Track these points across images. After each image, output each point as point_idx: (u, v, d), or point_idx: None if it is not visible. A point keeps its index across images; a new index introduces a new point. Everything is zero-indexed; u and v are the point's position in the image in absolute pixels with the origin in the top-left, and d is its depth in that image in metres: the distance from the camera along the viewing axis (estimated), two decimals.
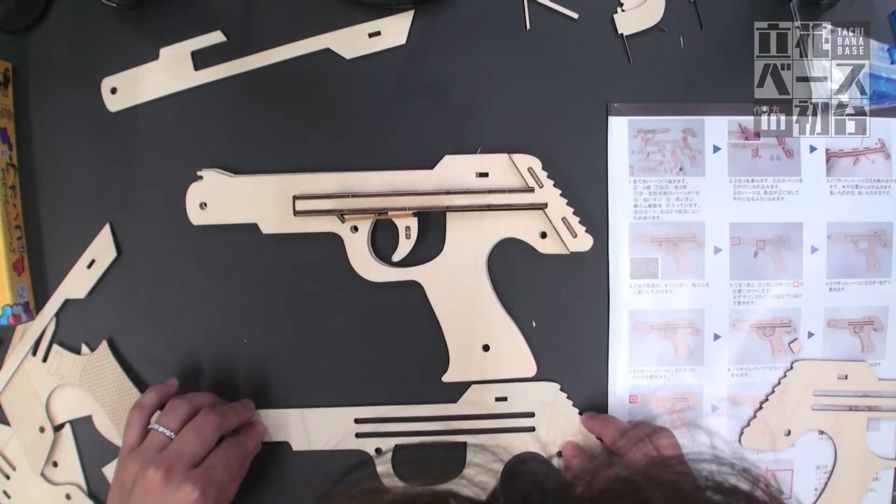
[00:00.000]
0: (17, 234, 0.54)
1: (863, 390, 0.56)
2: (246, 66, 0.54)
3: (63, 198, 0.55)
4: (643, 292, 0.56)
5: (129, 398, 0.55)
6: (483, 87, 0.54)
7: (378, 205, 0.52)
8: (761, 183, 0.56)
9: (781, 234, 0.56)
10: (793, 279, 0.56)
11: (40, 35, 0.55)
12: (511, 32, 0.54)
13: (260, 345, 0.55)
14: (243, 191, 0.53)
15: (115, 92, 0.54)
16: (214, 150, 0.54)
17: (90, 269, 0.55)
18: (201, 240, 0.55)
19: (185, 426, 0.47)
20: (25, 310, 0.54)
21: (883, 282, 0.56)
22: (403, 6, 0.53)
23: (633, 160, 0.55)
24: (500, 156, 0.53)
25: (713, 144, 0.55)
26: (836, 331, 0.56)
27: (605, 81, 0.55)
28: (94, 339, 0.55)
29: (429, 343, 0.55)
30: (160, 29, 0.54)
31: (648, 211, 0.55)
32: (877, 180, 0.56)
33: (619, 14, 0.54)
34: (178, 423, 0.47)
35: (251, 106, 0.55)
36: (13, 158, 0.55)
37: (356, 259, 0.54)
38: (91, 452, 0.56)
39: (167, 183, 0.54)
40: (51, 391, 0.55)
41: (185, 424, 0.47)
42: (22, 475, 0.56)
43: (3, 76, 0.54)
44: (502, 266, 0.55)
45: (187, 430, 0.47)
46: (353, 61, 0.54)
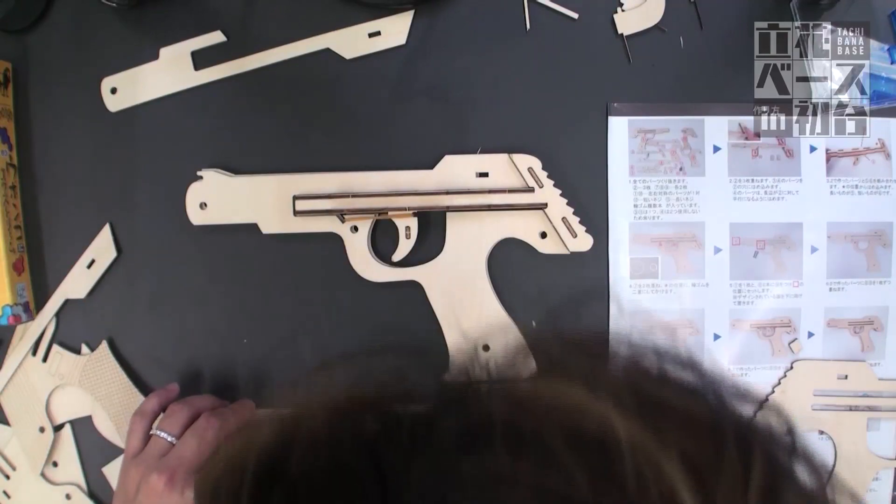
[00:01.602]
0: (17, 234, 0.54)
1: (863, 390, 0.56)
2: (246, 66, 0.54)
3: (63, 198, 0.55)
4: (643, 292, 0.56)
5: (129, 398, 0.55)
6: (483, 87, 0.54)
7: (378, 205, 0.52)
8: (761, 183, 0.56)
9: (781, 234, 0.56)
10: (793, 279, 0.56)
11: (40, 35, 0.55)
12: (511, 32, 0.54)
13: (260, 345, 0.55)
14: (243, 191, 0.53)
15: (115, 92, 0.54)
16: (214, 150, 0.54)
17: (90, 269, 0.55)
18: (201, 240, 0.55)
19: (186, 431, 0.47)
20: (25, 310, 0.54)
21: (883, 282, 0.56)
22: (403, 6, 0.53)
23: (633, 160, 0.55)
24: (500, 156, 0.53)
25: (713, 144, 0.55)
26: (836, 331, 0.56)
27: (605, 81, 0.55)
28: (94, 339, 0.55)
29: (429, 343, 0.55)
30: (160, 29, 0.54)
31: (648, 211, 0.55)
32: (877, 180, 0.56)
33: (619, 14, 0.54)
34: (179, 429, 0.47)
35: (251, 106, 0.55)
36: (13, 158, 0.55)
37: (356, 259, 0.54)
38: (91, 452, 0.56)
39: (167, 183, 0.54)
40: (51, 391, 0.55)
41: (186, 429, 0.47)
42: (22, 475, 0.56)
43: (3, 76, 0.54)
44: (502, 266, 0.55)
45: (189, 436, 0.47)
46: (353, 61, 0.54)
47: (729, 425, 0.15)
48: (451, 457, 0.15)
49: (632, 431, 0.14)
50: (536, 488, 0.14)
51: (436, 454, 0.16)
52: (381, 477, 0.16)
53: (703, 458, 0.14)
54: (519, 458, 0.14)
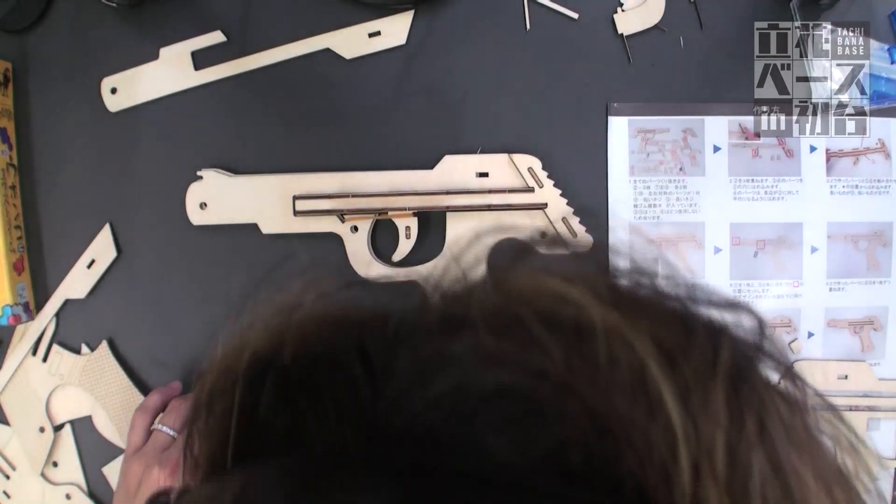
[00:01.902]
0: (17, 234, 0.54)
1: (863, 390, 0.56)
2: (246, 66, 0.54)
3: (63, 198, 0.55)
4: None
5: (130, 398, 0.55)
6: (483, 87, 0.54)
7: (378, 205, 0.52)
8: (761, 183, 0.55)
9: (781, 234, 0.56)
10: (793, 279, 0.56)
11: (40, 35, 0.55)
12: (511, 32, 0.54)
13: None
14: (243, 191, 0.53)
15: (115, 92, 0.54)
16: (214, 150, 0.54)
17: (90, 269, 0.55)
18: (201, 240, 0.55)
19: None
20: (25, 310, 0.54)
21: (883, 282, 0.56)
22: (403, 6, 0.53)
23: (633, 160, 0.55)
24: (500, 156, 0.53)
25: (713, 144, 0.55)
26: (836, 331, 0.56)
27: (605, 81, 0.55)
28: (94, 339, 0.55)
29: None
30: (160, 29, 0.54)
31: (648, 211, 0.55)
32: (877, 180, 0.56)
33: (619, 14, 0.54)
34: (180, 423, 0.47)
35: (251, 106, 0.55)
36: (13, 158, 0.55)
37: (356, 259, 0.54)
38: (91, 452, 0.56)
39: (167, 183, 0.54)
40: (51, 391, 0.55)
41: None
42: (22, 475, 0.56)
43: (3, 76, 0.54)
44: None
45: None
46: (352, 61, 0.54)
47: (700, 318, 0.16)
48: (436, 339, 0.16)
49: (606, 317, 0.15)
50: (518, 365, 0.15)
51: (421, 338, 0.17)
52: (368, 364, 0.16)
53: (673, 342, 0.15)
54: (502, 340, 0.15)
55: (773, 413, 0.15)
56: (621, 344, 0.15)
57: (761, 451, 0.15)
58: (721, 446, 0.14)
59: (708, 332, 0.16)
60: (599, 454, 0.14)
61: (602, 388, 0.14)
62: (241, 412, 0.17)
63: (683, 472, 0.14)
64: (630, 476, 0.14)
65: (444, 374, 0.15)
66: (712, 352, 0.15)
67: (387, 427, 0.16)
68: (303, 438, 0.16)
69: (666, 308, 0.16)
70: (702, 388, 0.14)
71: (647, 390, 0.14)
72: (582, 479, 0.14)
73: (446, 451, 0.15)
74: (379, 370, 0.16)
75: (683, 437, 0.14)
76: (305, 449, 0.17)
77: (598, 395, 0.14)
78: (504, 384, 0.15)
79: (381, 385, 0.16)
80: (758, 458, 0.14)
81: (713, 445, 0.14)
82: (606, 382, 0.14)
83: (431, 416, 0.15)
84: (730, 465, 0.14)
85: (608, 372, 0.14)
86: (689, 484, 0.14)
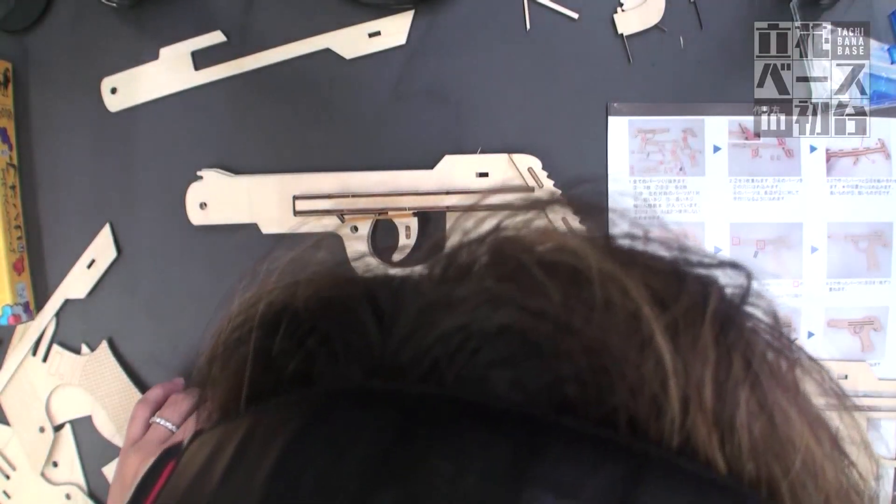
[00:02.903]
0: (17, 234, 0.54)
1: (863, 390, 0.56)
2: (246, 66, 0.54)
3: (63, 198, 0.55)
4: None
5: (129, 398, 0.55)
6: (483, 87, 0.54)
7: (378, 205, 0.52)
8: (761, 183, 0.55)
9: (781, 234, 0.56)
10: (793, 279, 0.56)
11: (40, 35, 0.55)
12: (511, 32, 0.54)
13: None
14: (243, 191, 0.53)
15: (115, 92, 0.54)
16: (214, 150, 0.54)
17: (90, 269, 0.55)
18: (201, 240, 0.55)
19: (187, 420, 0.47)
20: (25, 310, 0.54)
21: (883, 282, 0.56)
22: (403, 6, 0.53)
23: (633, 160, 0.55)
24: (500, 156, 0.53)
25: (713, 144, 0.55)
26: (836, 331, 0.56)
27: (605, 81, 0.55)
28: (94, 339, 0.55)
29: None
30: (160, 29, 0.54)
31: (648, 211, 0.55)
32: (877, 180, 0.56)
33: (619, 14, 0.54)
34: (179, 418, 0.47)
35: (251, 106, 0.55)
36: (13, 158, 0.55)
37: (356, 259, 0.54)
38: (91, 452, 0.56)
39: (167, 183, 0.54)
40: (51, 391, 0.55)
41: (186, 419, 0.48)
42: (22, 475, 0.56)
43: (3, 76, 0.54)
44: None
45: (190, 425, 0.47)
46: (352, 61, 0.54)
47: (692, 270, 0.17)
48: (442, 286, 0.17)
49: (603, 265, 0.16)
50: (520, 306, 0.16)
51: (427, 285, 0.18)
52: (377, 309, 0.17)
53: (665, 289, 0.16)
54: (505, 284, 0.16)
55: (759, 354, 0.16)
56: (616, 289, 0.15)
57: (747, 386, 0.15)
58: (709, 381, 0.15)
59: (698, 282, 0.17)
60: (594, 388, 0.15)
61: (598, 327, 0.15)
62: (255, 358, 0.18)
63: (673, 404, 0.14)
64: (623, 408, 0.15)
65: (450, 315, 0.16)
66: (702, 298, 0.16)
67: (393, 363, 0.16)
68: (312, 378, 0.17)
69: (659, 260, 0.18)
70: (691, 329, 0.15)
71: (639, 330, 0.15)
72: (577, 410, 0.15)
73: (449, 385, 0.15)
74: (387, 314, 0.17)
75: (673, 372, 0.15)
76: (314, 387, 0.17)
77: (594, 334, 0.15)
78: (506, 323, 0.16)
79: (389, 326, 0.17)
80: (744, 393, 0.15)
81: (702, 380, 0.15)
82: (602, 323, 0.15)
83: (436, 352, 0.16)
84: (717, 399, 0.15)
85: (604, 313, 0.15)
86: (678, 415, 0.14)
